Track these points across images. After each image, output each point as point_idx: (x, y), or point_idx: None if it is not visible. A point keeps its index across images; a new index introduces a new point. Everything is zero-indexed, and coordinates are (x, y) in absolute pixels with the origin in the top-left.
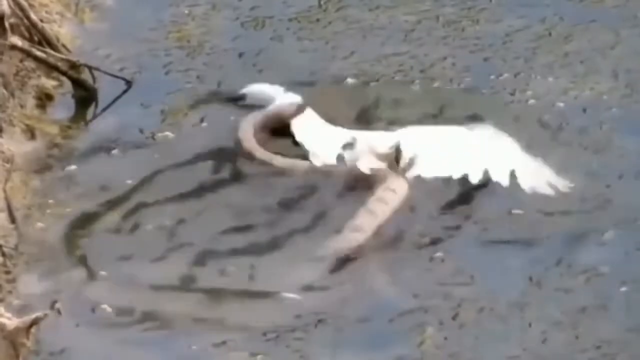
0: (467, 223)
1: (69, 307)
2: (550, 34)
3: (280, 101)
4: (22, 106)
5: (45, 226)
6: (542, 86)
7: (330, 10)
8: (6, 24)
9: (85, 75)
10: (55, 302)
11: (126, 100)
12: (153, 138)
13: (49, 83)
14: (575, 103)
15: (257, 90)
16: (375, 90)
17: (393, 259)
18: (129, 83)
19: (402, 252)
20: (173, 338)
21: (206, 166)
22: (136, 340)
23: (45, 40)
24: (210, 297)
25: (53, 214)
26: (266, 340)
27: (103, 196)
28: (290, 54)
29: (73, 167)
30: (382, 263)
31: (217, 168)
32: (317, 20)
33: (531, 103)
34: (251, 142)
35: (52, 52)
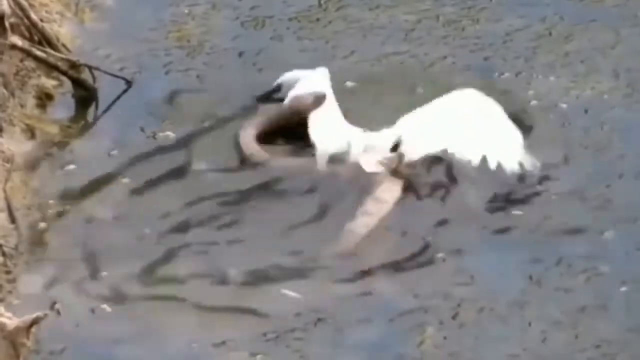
0: (467, 223)
1: (69, 307)
2: (550, 34)
3: (298, 92)
4: (22, 106)
5: (45, 226)
6: (543, 86)
7: (330, 9)
8: (6, 24)
9: (85, 75)
10: (55, 302)
11: (126, 100)
12: (154, 137)
13: (49, 83)
14: (576, 103)
15: (292, 77)
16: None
17: (393, 259)
18: (129, 83)
19: (403, 252)
20: (173, 338)
21: (206, 165)
22: (136, 340)
23: (45, 40)
24: (209, 297)
25: (53, 214)
26: (266, 340)
27: (103, 196)
28: (290, 54)
29: (73, 167)
30: (383, 263)
31: (218, 167)
32: (317, 19)
33: (532, 103)
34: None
35: (52, 52)
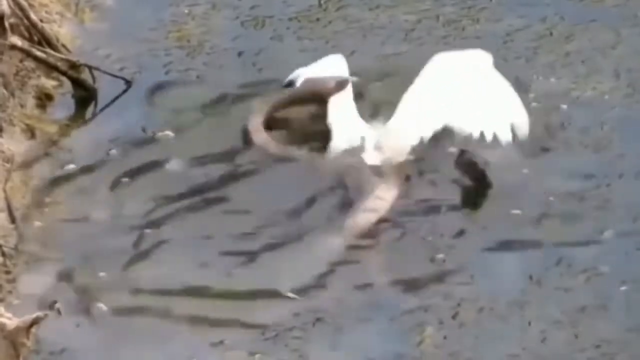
0: (468, 223)
1: (69, 307)
2: (551, 34)
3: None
4: (22, 106)
5: (45, 226)
6: (544, 86)
7: (330, 9)
8: (6, 24)
9: (85, 75)
10: (55, 302)
11: (126, 100)
12: (153, 137)
13: (49, 83)
14: (577, 103)
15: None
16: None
17: (393, 259)
18: (129, 83)
19: (403, 252)
20: (172, 337)
21: (206, 165)
22: (135, 339)
23: (45, 40)
24: (209, 296)
25: (53, 214)
26: (264, 339)
27: (103, 196)
28: (290, 54)
29: (73, 167)
30: (383, 262)
31: (218, 166)
32: (317, 19)
33: (533, 103)
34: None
35: (52, 52)
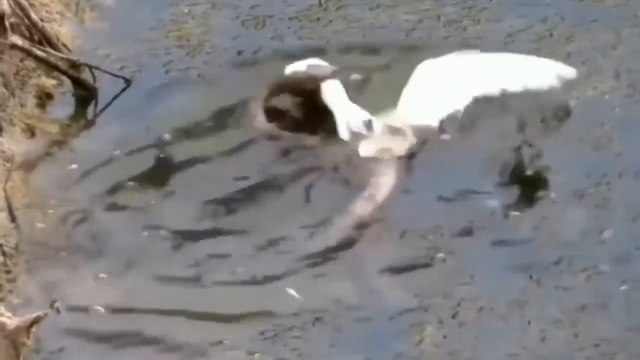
0: (468, 223)
1: (69, 307)
2: (551, 34)
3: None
4: (23, 105)
5: (45, 226)
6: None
7: (330, 9)
8: (7, 24)
9: (85, 74)
10: (55, 302)
11: (126, 99)
12: (153, 136)
13: (49, 82)
14: (577, 103)
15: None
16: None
17: (393, 258)
18: (129, 82)
19: (403, 252)
20: (171, 337)
21: (206, 164)
22: (135, 339)
23: (45, 39)
24: (208, 296)
25: (53, 214)
26: (264, 338)
27: (103, 195)
28: (291, 53)
29: (73, 166)
30: (383, 261)
31: (218, 166)
32: (318, 19)
33: (533, 102)
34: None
35: (53, 52)
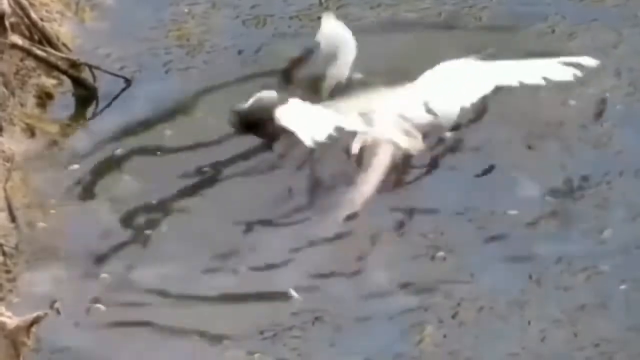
0: (467, 222)
1: (69, 307)
2: (553, 31)
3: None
4: (22, 105)
5: (45, 226)
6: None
7: (331, 8)
8: (6, 23)
9: (85, 74)
10: (55, 302)
11: (126, 98)
12: (154, 136)
13: (49, 82)
14: (578, 102)
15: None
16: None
17: (393, 257)
18: (129, 82)
19: (403, 250)
20: (171, 337)
21: (207, 164)
22: (135, 339)
23: (45, 39)
24: (208, 296)
25: (53, 214)
26: (263, 338)
27: (103, 195)
28: (291, 53)
29: (73, 166)
30: (382, 261)
31: (218, 166)
32: (318, 18)
33: (533, 101)
34: None
35: (53, 51)
